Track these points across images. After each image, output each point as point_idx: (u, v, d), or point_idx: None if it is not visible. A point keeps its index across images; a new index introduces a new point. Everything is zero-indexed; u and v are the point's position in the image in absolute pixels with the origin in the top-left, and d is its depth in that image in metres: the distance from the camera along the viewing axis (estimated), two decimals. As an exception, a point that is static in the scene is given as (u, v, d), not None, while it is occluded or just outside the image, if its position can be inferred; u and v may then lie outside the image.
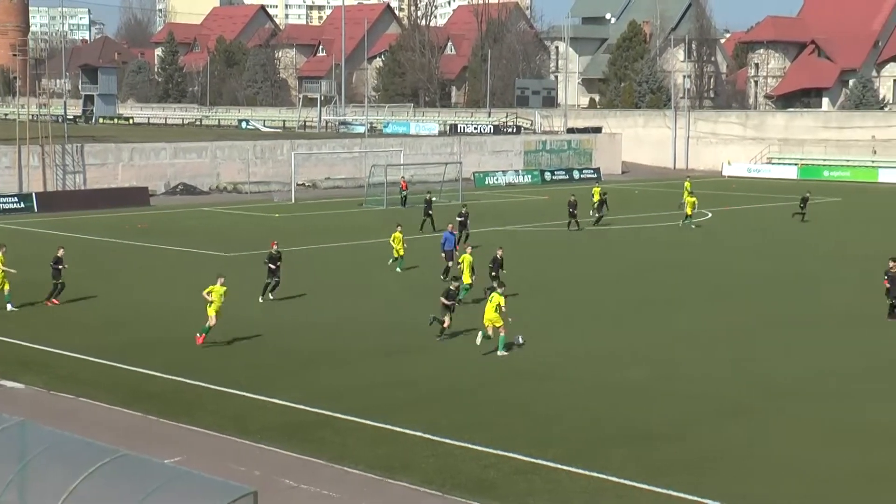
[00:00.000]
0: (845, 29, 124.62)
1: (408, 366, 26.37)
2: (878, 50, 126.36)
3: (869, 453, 19.96)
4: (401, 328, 30.66)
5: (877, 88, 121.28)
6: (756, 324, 31.58)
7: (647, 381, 24.90)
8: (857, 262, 43.92)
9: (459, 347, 28.29)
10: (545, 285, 37.79)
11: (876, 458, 19.73)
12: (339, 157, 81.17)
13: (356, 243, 49.16)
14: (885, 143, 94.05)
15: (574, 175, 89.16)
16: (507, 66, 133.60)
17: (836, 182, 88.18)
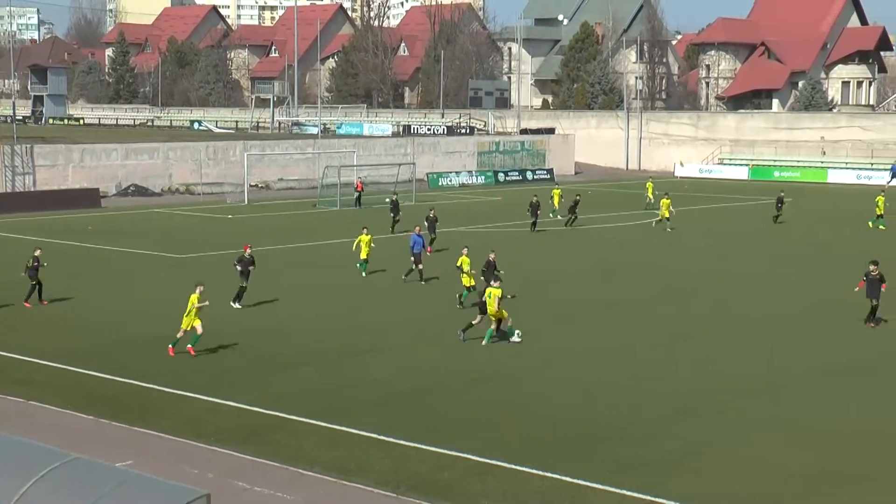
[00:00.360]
0: (794, 31, 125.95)
1: (364, 368, 26.26)
2: (827, 52, 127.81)
3: (826, 452, 20.11)
4: (358, 330, 30.54)
5: (825, 90, 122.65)
6: (716, 324, 31.76)
7: (606, 381, 24.96)
8: (813, 262, 44.36)
9: (416, 349, 28.24)
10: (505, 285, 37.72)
11: (833, 457, 19.88)
12: (292, 158, 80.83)
13: (311, 244, 48.96)
14: (834, 144, 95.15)
15: (528, 176, 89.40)
16: (461, 67, 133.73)
17: (787, 182, 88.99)
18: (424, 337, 29.72)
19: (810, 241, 51.43)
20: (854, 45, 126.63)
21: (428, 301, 35.01)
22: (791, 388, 24.50)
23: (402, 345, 28.64)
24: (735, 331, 30.74)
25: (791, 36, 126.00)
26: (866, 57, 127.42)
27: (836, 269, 41.99)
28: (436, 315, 32.79)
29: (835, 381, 25.28)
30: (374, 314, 32.80)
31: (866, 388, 24.60)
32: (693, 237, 52.30)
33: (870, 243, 50.13)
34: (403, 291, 36.78)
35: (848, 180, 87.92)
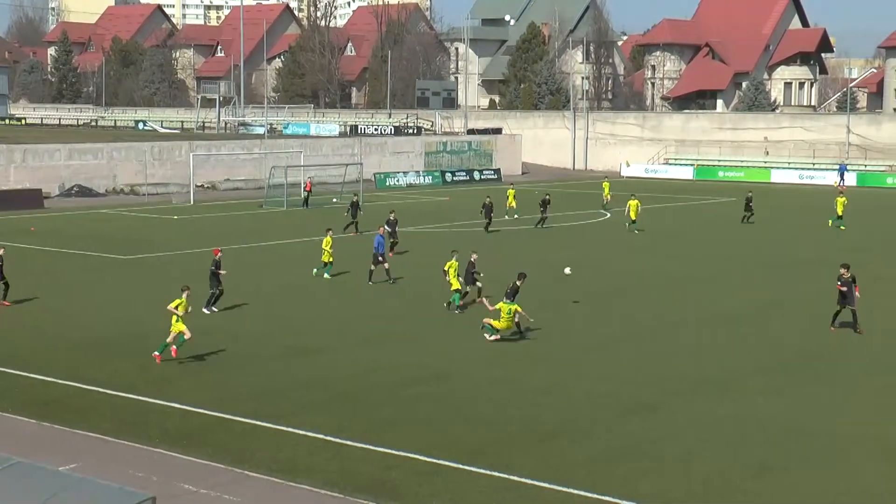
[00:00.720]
0: (738, 32, 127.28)
1: (310, 368, 26.15)
2: (770, 53, 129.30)
3: (764, 448, 20.32)
4: (304, 330, 30.41)
5: (768, 91, 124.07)
6: (657, 323, 31.96)
7: (551, 380, 25.03)
8: (755, 262, 44.78)
9: (364, 349, 28.18)
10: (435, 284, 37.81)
11: (770, 453, 20.09)
12: (238, 158, 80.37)
13: (257, 245, 48.69)
14: (777, 144, 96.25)
15: (475, 176, 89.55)
16: (408, 68, 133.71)
17: (731, 182, 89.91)
18: (373, 337, 29.66)
19: (757, 240, 51.91)
20: (796, 47, 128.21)
21: (379, 301, 34.94)
22: (732, 386, 24.72)
23: (349, 344, 28.57)
24: (679, 330, 30.96)
25: (734, 37, 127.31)
26: (808, 58, 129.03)
27: (783, 269, 42.47)
28: (386, 314, 32.75)
29: (774, 378, 25.52)
30: (321, 314, 32.69)
31: (804, 385, 24.88)
32: (637, 237, 52.58)
33: (818, 241, 50.75)
34: (353, 292, 36.68)
35: (791, 180, 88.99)
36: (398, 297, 35.86)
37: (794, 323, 31.89)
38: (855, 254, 45.71)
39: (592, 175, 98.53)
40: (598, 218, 60.70)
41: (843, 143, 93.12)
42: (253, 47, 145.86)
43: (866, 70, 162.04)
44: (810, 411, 22.70)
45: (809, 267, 42.85)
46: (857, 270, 35.31)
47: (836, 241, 50.95)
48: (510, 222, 57.23)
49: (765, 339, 29.74)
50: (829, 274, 40.82)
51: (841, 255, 45.36)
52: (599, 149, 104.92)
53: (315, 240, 49.03)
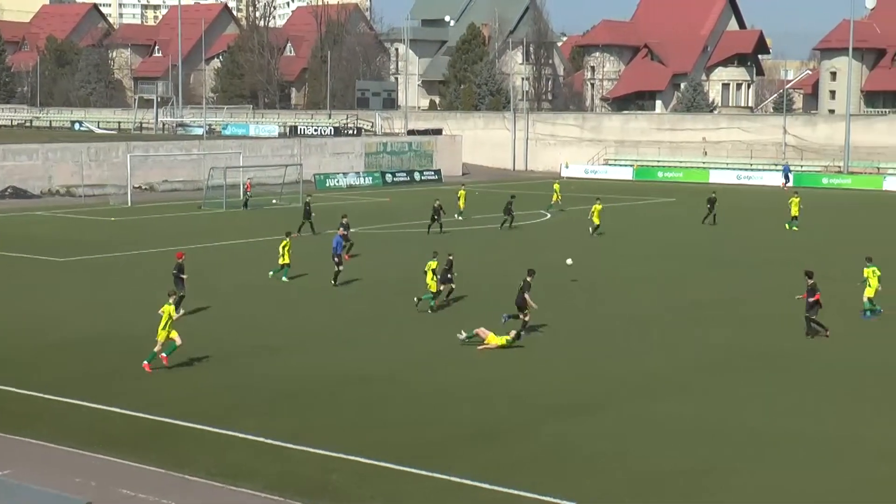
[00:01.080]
0: (676, 34, 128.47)
1: (251, 370, 26.08)
2: (707, 55, 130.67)
3: (697, 449, 20.58)
4: (244, 332, 30.30)
5: (706, 92, 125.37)
6: (597, 324, 32.20)
7: (491, 381, 25.17)
8: (693, 261, 45.25)
9: (305, 350, 28.14)
10: (387, 286, 37.87)
11: (706, 453, 20.36)
12: (176, 159, 79.76)
13: (196, 247, 48.37)
14: (715, 145, 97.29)
15: (415, 177, 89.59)
16: (347, 68, 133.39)
17: (670, 183, 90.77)
18: (317, 339, 29.62)
19: (693, 240, 52.44)
20: (733, 49, 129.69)
21: (327, 303, 34.89)
22: (671, 386, 25.01)
23: (290, 346, 28.53)
24: (614, 329, 31.22)
25: (672, 38, 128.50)
26: (745, 60, 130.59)
27: (721, 268, 42.97)
28: (333, 317, 32.72)
29: (712, 377, 25.85)
30: (261, 315, 32.59)
31: (739, 385, 25.23)
32: (579, 237, 52.86)
33: (763, 242, 51.40)
34: (302, 293, 36.58)
35: (729, 180, 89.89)
36: (347, 298, 35.83)
37: (738, 322, 32.28)
38: (800, 254, 46.44)
39: (533, 176, 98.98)
40: (539, 219, 60.98)
41: (779, 143, 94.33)
42: (191, 47, 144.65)
43: (802, 72, 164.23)
44: (755, 410, 23.03)
45: (755, 268, 43.41)
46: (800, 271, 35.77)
47: (782, 241, 51.61)
48: (458, 223, 57.33)
49: (707, 338, 30.08)
50: (770, 274, 41.45)
51: (787, 255, 46.05)
52: (540, 149, 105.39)
53: (258, 241, 48.93)
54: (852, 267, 37.04)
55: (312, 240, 48.39)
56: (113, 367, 26.32)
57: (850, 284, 34.59)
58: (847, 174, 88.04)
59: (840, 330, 30.29)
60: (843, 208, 69.42)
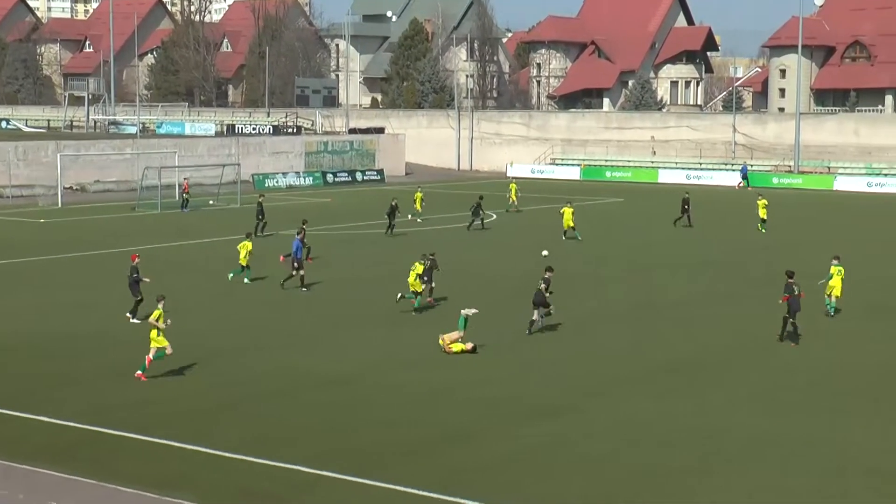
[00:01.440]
0: (623, 30, 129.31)
1: (186, 377, 25.84)
2: (656, 52, 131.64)
3: (674, 450, 20.71)
4: (178, 337, 30.00)
5: (655, 89, 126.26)
6: (564, 324, 32.21)
7: (442, 385, 25.13)
8: (642, 263, 45.53)
9: (243, 356, 27.94)
10: (335, 287, 37.75)
11: (664, 454, 20.49)
12: (109, 158, 78.99)
13: (130, 250, 47.84)
14: (664, 144, 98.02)
15: (357, 177, 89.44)
16: (287, 65, 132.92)
17: (619, 182, 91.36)
18: (253, 342, 29.43)
19: (647, 242, 52.75)
20: (681, 45, 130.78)
21: (278, 304, 34.67)
22: (626, 389, 25.13)
23: (228, 351, 28.31)
24: (568, 331, 31.33)
25: (620, 35, 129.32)
26: (693, 57, 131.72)
27: (689, 268, 43.27)
28: (286, 319, 32.53)
29: (671, 378, 26.02)
30: (198, 320, 32.29)
31: (691, 385, 25.43)
32: (524, 237, 53.03)
33: (696, 241, 51.83)
34: (248, 295, 36.30)
35: (678, 180, 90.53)
36: (300, 301, 35.64)
37: (701, 323, 32.54)
38: (760, 253, 46.95)
39: (478, 176, 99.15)
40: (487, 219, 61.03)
41: (729, 142, 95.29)
42: (123, 42, 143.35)
43: (751, 69, 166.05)
44: (723, 411, 23.20)
45: (708, 267, 43.77)
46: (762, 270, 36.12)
47: (738, 241, 52.07)
48: (415, 224, 57.45)
49: (670, 339, 30.28)
50: (723, 275, 41.84)
51: (744, 256, 46.50)
52: (485, 148, 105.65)
53: (198, 243, 48.58)
54: (815, 266, 37.47)
55: (263, 241, 48.12)
56: (40, 374, 25.96)
57: (811, 282, 34.85)
58: (797, 174, 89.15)
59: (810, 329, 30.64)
60: (795, 208, 70.16)
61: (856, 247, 48.48)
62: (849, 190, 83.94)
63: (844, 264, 33.63)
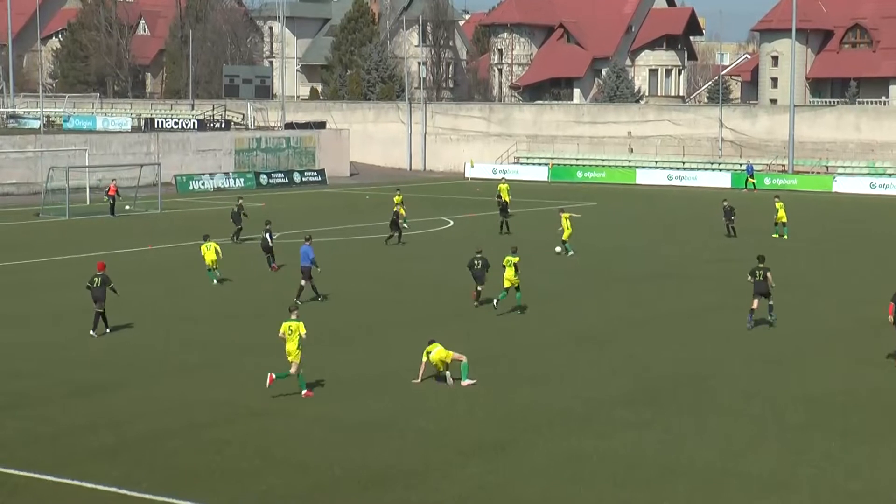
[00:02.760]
0: (595, 12, 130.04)
1: (94, 408, 25.64)
2: (632, 36, 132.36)
3: (631, 488, 20.81)
4: (85, 363, 29.82)
5: (631, 79, 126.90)
6: (505, 348, 32.28)
7: (380, 417, 25.07)
8: (614, 275, 45.71)
9: (158, 385, 27.78)
10: (273, 301, 37.67)
11: (637, 492, 20.59)
12: (8, 157, 78.40)
13: (31, 262, 47.54)
14: (643, 141, 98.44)
15: (295, 178, 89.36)
16: (213, 50, 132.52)
17: (591, 184, 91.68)
18: (175, 369, 29.26)
19: (621, 252, 52.96)
20: (661, 29, 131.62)
21: (188, 325, 34.51)
22: (594, 419, 25.20)
23: (140, 380, 28.13)
24: (531, 355, 31.38)
25: (592, 17, 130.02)
26: (675, 42, 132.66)
27: (659, 280, 43.49)
28: (197, 340, 32.35)
29: (629, 408, 26.10)
30: (104, 343, 32.07)
31: (673, 416, 25.54)
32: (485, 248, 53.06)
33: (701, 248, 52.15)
34: (161, 314, 36.13)
35: (658, 181, 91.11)
36: (205, 319, 35.51)
37: (662, 344, 32.68)
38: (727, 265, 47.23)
39: (432, 176, 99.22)
40: (441, 226, 61.13)
41: (715, 138, 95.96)
42: (24, 24, 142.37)
43: (739, 56, 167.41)
44: (679, 445, 23.31)
45: (678, 281, 44.03)
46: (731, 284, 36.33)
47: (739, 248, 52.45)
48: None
49: (632, 362, 30.40)
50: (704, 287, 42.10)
51: (715, 267, 46.81)
52: (440, 146, 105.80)
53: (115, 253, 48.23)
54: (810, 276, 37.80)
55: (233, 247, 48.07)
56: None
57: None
58: (792, 174, 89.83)
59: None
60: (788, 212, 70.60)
61: (859, 257, 48.83)
62: (850, 192, 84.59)
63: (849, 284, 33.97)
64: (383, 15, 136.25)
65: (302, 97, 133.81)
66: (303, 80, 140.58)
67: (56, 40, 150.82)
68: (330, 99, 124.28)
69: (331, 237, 54.88)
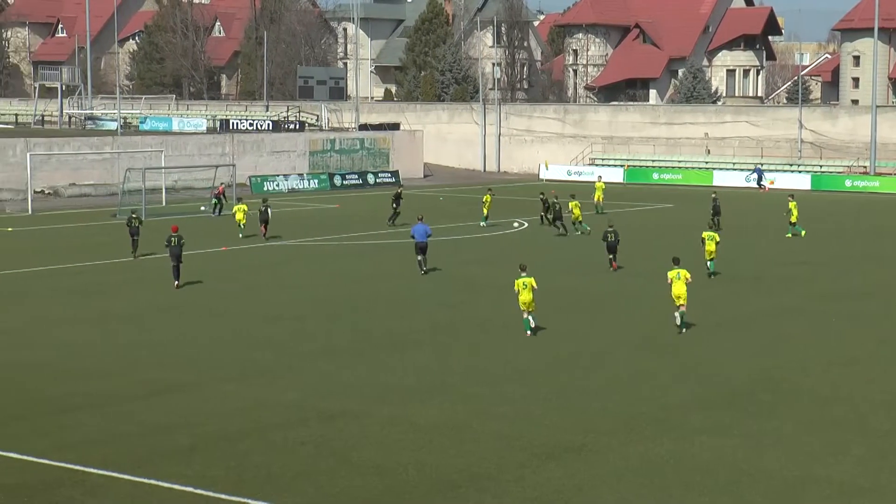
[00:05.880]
0: (673, 12, 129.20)
1: (168, 409, 25.91)
2: (709, 36, 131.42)
3: (710, 496, 20.68)
4: (160, 364, 30.13)
5: (708, 79, 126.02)
6: (579, 351, 32.21)
7: (447, 420, 25.09)
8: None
9: (230, 385, 28.01)
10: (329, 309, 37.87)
11: (700, 494, 20.46)
12: (85, 159, 79.36)
13: (111, 262, 48.11)
14: (719, 142, 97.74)
15: (369, 179, 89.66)
16: (287, 52, 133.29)
17: (667, 186, 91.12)
18: (248, 370, 29.50)
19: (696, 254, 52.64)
20: (739, 29, 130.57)
21: (259, 326, 34.77)
22: (671, 423, 25.07)
23: (214, 380, 28.37)
24: (605, 359, 31.30)
25: (669, 17, 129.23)
26: (753, 42, 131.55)
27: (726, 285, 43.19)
28: (266, 342, 32.60)
29: (709, 409, 25.94)
30: (180, 344, 32.41)
31: (751, 420, 25.34)
32: (562, 249, 53.01)
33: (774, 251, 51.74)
34: (229, 315, 36.45)
35: (736, 183, 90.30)
36: (279, 320, 35.74)
37: (739, 346, 32.44)
38: (804, 268, 46.78)
39: (507, 178, 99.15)
40: (509, 229, 61.09)
41: (794, 140, 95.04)
42: (102, 26, 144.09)
43: (820, 56, 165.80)
44: (758, 450, 23.13)
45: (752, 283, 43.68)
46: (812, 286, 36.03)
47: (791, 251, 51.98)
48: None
49: (709, 366, 30.20)
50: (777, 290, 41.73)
51: (790, 270, 46.38)
52: (514, 147, 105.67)
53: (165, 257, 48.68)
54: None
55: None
56: (4, 403, 26.09)
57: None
58: (874, 175, 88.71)
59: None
60: (870, 215, 69.80)
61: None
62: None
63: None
64: (457, 16, 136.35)
65: (376, 98, 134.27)
66: (377, 82, 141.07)
67: (133, 42, 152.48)
68: (404, 100, 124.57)
69: (399, 239, 55.01)
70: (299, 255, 50.58)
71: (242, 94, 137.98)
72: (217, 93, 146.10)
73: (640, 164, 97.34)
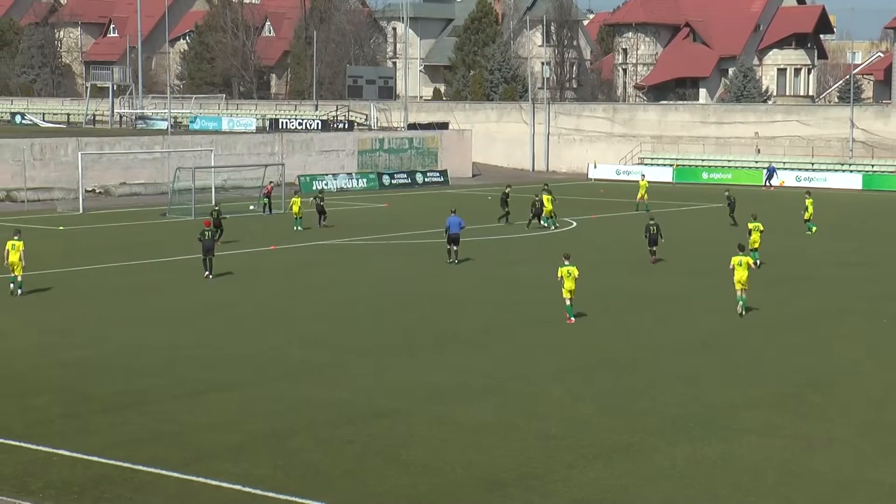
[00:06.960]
0: (723, 11, 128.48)
1: (217, 406, 26.04)
2: (760, 35, 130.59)
3: (757, 497, 20.56)
4: (207, 362, 30.30)
5: (759, 78, 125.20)
6: (631, 351, 32.14)
7: (495, 419, 25.09)
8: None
9: (280, 383, 28.13)
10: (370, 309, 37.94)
11: (748, 494, 20.34)
12: (136, 158, 79.90)
13: (160, 261, 48.42)
14: (770, 141, 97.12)
15: (417, 178, 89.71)
16: (337, 51, 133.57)
17: (717, 185, 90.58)
18: (295, 368, 29.62)
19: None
20: (790, 28, 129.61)
21: (307, 324, 34.89)
22: (719, 424, 24.96)
23: (261, 379, 28.50)
24: (655, 359, 31.19)
25: (719, 16, 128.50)
26: (804, 41, 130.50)
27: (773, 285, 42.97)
28: (309, 341, 32.72)
29: (763, 411, 25.80)
30: (230, 343, 32.56)
31: (801, 421, 25.18)
32: (611, 248, 52.90)
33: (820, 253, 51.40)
34: (278, 313, 36.61)
35: (786, 182, 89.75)
36: (327, 319, 35.86)
37: (788, 347, 32.25)
38: (853, 268, 46.43)
39: (556, 177, 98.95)
40: (564, 227, 61.00)
41: (846, 139, 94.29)
42: (153, 26, 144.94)
43: (872, 55, 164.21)
44: (807, 452, 22.98)
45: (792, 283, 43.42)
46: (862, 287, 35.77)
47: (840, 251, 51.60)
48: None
49: (757, 366, 30.05)
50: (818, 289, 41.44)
51: (839, 270, 46.02)
52: (563, 146, 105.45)
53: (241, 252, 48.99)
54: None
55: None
56: (42, 402, 26.27)
57: None
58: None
59: None
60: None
61: None
62: None
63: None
64: (507, 15, 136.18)
65: (425, 98, 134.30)
66: (426, 81, 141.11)
67: (183, 42, 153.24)
68: (453, 99, 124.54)
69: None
70: (347, 255, 50.73)
71: (292, 93, 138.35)
72: (266, 92, 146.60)
73: (690, 164, 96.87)
